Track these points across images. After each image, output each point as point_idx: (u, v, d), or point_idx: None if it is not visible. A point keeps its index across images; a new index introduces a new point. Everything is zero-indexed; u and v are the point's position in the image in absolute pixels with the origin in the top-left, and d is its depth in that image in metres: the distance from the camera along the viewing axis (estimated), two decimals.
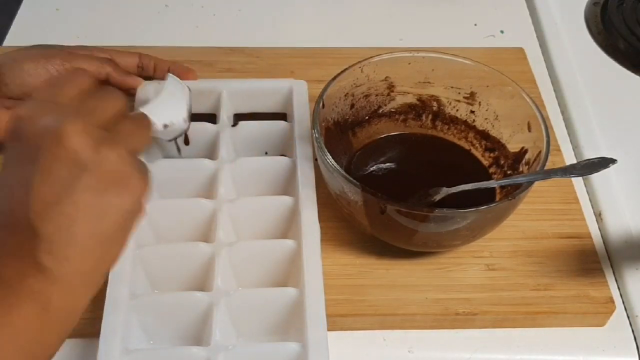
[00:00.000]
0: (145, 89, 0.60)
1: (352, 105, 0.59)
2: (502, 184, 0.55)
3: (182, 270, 0.52)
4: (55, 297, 0.35)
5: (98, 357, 0.45)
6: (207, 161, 0.57)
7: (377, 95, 0.60)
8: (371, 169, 0.59)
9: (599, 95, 0.71)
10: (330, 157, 0.50)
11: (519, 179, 0.52)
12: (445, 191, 0.52)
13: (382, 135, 0.61)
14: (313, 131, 0.53)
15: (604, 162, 0.51)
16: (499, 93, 0.57)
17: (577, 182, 0.62)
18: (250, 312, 0.49)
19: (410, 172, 0.59)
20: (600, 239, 0.58)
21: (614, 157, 0.58)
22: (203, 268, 0.51)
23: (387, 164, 0.60)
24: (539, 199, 0.58)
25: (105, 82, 0.58)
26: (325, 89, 0.55)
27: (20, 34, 0.75)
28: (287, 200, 0.54)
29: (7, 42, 0.74)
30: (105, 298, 0.47)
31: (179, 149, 0.58)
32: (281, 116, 0.62)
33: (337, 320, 0.51)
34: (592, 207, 0.61)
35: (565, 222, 0.58)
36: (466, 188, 0.52)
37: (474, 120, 0.60)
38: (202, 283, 0.51)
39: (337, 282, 0.53)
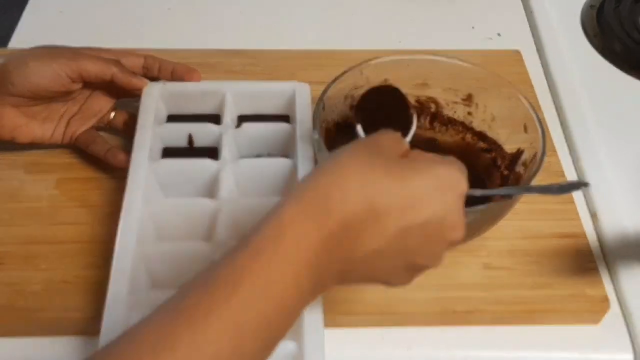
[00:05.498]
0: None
1: (352, 107, 0.60)
2: (485, 195, 0.55)
3: (182, 269, 0.52)
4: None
5: None
6: (209, 161, 0.57)
7: None
8: None
9: (595, 97, 0.71)
10: None
11: (501, 191, 0.53)
12: None
13: None
14: (313, 132, 0.53)
15: (577, 185, 0.54)
16: (496, 95, 0.58)
17: None
18: None
19: None
20: (596, 239, 0.59)
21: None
22: (201, 268, 0.51)
23: None
24: (536, 199, 0.59)
25: (110, 83, 0.59)
26: (325, 91, 0.56)
27: (24, 36, 0.75)
28: None
29: (11, 44, 0.74)
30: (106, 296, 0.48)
31: None
32: (284, 118, 0.63)
33: (336, 318, 0.51)
34: (588, 208, 0.62)
35: (562, 222, 0.59)
36: None
37: (471, 122, 0.61)
38: None
39: None
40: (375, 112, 0.56)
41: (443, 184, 0.39)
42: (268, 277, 0.34)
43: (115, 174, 0.60)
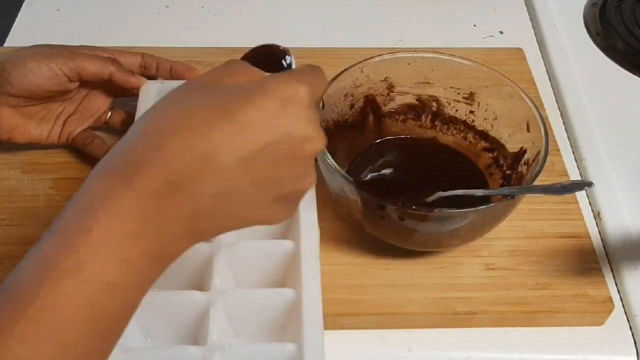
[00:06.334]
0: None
1: (352, 106, 0.59)
2: (487, 194, 0.55)
3: (180, 269, 0.52)
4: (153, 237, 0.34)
5: None
6: None
7: (376, 96, 0.60)
8: (371, 170, 0.60)
9: (597, 95, 0.71)
10: (330, 157, 0.50)
11: (503, 191, 0.52)
12: (438, 194, 0.52)
13: (383, 139, 0.62)
14: None
15: (580, 185, 0.52)
16: (498, 93, 0.58)
17: None
18: (247, 312, 0.49)
19: (409, 175, 0.60)
20: (599, 239, 0.59)
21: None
22: (201, 267, 0.51)
23: (387, 167, 0.60)
24: (538, 198, 0.58)
25: (108, 81, 0.59)
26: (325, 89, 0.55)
27: (21, 34, 0.75)
28: None
29: (8, 43, 0.74)
30: None
31: None
32: None
33: (336, 320, 0.51)
34: (591, 207, 0.61)
35: (564, 222, 0.58)
36: (457, 193, 0.52)
37: (473, 121, 0.60)
38: (200, 283, 0.51)
39: (336, 282, 0.53)
40: None
41: (276, 98, 0.35)
42: (79, 261, 0.32)
43: None
